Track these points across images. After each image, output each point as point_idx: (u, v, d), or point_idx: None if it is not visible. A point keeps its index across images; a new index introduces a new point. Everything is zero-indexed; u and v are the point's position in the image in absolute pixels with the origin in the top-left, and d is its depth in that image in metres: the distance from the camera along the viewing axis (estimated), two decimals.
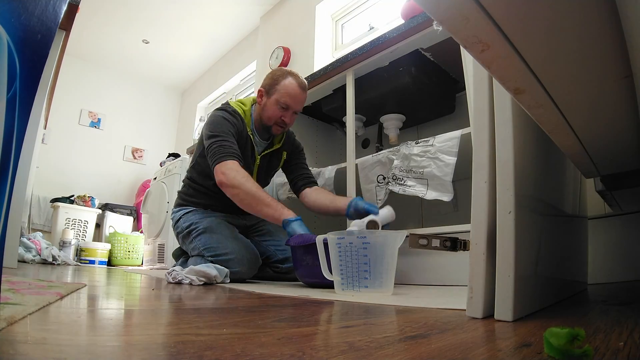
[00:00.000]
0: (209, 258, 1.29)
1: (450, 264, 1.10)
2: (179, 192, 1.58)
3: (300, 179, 1.48)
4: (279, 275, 1.42)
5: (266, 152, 1.43)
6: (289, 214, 1.17)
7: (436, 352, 0.30)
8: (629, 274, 1.07)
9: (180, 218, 1.47)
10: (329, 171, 1.50)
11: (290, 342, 0.33)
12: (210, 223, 1.37)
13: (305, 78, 1.61)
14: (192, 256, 1.40)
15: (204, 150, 1.35)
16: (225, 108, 1.39)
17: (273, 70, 1.44)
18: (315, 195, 1.41)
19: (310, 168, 1.57)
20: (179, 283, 1.04)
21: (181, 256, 1.55)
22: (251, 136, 1.38)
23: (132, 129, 4.25)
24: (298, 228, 1.13)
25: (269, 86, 1.37)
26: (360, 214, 1.18)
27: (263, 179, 1.50)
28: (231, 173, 1.22)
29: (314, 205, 1.40)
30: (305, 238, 1.07)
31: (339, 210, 1.29)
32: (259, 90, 1.40)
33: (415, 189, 1.17)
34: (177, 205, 1.54)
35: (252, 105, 1.44)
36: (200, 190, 1.47)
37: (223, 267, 1.16)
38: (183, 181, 1.59)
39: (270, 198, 1.22)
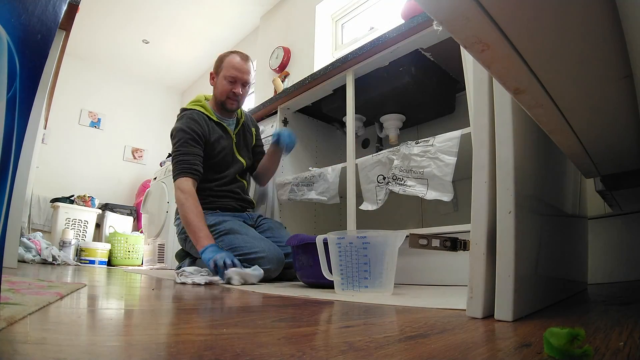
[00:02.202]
0: (237, 258, 1.30)
1: (450, 264, 1.10)
2: None
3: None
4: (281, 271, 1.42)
5: (237, 129, 1.59)
6: (206, 242, 1.27)
7: (436, 352, 0.30)
8: (629, 274, 1.07)
9: None
10: (332, 174, 1.48)
11: (290, 342, 0.33)
12: (232, 224, 1.41)
13: (305, 78, 1.66)
14: None
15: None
16: (182, 116, 1.53)
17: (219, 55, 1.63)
18: (260, 163, 1.66)
19: (310, 168, 1.59)
20: (183, 284, 1.05)
21: (185, 257, 1.55)
22: (220, 121, 1.54)
23: (132, 129, 4.24)
24: (209, 254, 1.21)
25: (216, 67, 1.56)
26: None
27: (245, 155, 1.61)
28: (186, 190, 1.37)
29: (262, 168, 1.64)
30: (305, 238, 1.07)
31: (271, 156, 1.59)
32: (210, 74, 1.59)
33: (415, 189, 1.16)
34: None
35: (205, 99, 1.60)
36: (205, 192, 1.49)
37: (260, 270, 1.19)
38: None
39: (202, 223, 1.31)
